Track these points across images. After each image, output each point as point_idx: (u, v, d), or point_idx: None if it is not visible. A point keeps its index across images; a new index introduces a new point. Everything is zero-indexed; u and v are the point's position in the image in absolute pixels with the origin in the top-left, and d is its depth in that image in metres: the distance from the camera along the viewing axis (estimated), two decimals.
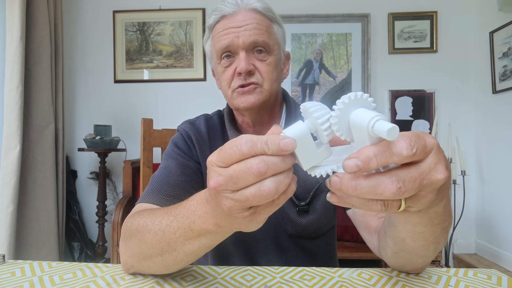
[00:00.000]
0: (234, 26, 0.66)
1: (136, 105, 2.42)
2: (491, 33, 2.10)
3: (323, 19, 2.35)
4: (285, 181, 0.31)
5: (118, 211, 1.87)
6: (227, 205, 0.32)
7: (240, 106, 0.68)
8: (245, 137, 0.30)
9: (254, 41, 0.66)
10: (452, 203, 2.13)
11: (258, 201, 0.31)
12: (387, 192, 0.28)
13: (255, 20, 0.67)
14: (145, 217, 0.49)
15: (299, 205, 0.70)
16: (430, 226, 0.39)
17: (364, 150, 0.28)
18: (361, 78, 2.34)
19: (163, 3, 2.41)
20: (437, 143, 0.31)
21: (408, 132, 0.29)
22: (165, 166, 0.70)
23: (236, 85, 0.67)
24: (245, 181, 0.30)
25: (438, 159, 0.30)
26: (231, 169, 0.31)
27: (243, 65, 0.65)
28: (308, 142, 0.31)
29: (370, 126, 0.27)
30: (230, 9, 0.67)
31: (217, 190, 0.32)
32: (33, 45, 1.92)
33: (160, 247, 0.45)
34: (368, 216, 0.61)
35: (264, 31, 0.67)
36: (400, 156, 0.28)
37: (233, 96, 0.69)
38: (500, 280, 0.52)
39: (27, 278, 0.51)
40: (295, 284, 0.51)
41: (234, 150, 0.30)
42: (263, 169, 0.29)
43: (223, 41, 0.66)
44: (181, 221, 0.41)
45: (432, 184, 0.30)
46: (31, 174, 1.89)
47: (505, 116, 2.02)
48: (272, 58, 0.69)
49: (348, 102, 0.30)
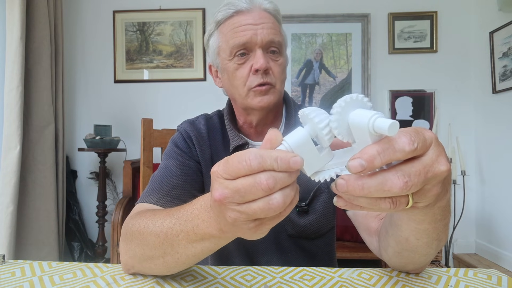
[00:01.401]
0: (252, 23, 0.65)
1: (136, 105, 2.42)
2: (491, 33, 2.10)
3: (323, 19, 2.35)
4: (291, 193, 0.31)
5: (118, 211, 1.87)
6: (232, 216, 0.32)
7: (256, 106, 0.67)
8: (253, 152, 0.30)
9: (271, 41, 0.66)
10: (452, 203, 2.13)
11: (266, 214, 0.31)
12: (394, 187, 0.28)
13: (270, 20, 0.67)
14: (146, 218, 0.49)
15: (299, 205, 0.70)
16: (433, 222, 0.39)
17: (367, 149, 0.28)
18: (361, 78, 2.34)
19: (163, 3, 2.41)
20: (436, 137, 0.31)
21: (407, 128, 0.30)
22: (165, 166, 0.70)
23: (253, 84, 0.66)
24: (253, 195, 0.30)
25: (439, 151, 0.30)
26: (238, 182, 0.30)
27: (262, 62, 0.64)
28: (310, 148, 0.31)
29: (370, 124, 0.27)
30: (246, 5, 0.66)
31: (222, 202, 0.32)
32: (33, 45, 1.92)
33: (162, 249, 0.44)
34: (368, 217, 0.61)
35: (278, 31, 0.68)
36: (403, 152, 0.28)
37: (249, 95, 0.67)
38: (500, 280, 0.52)
39: (27, 278, 0.51)
40: (295, 284, 0.51)
41: (243, 165, 0.30)
42: (272, 185, 0.29)
43: (240, 38, 0.65)
44: (184, 224, 0.41)
45: (436, 176, 0.30)
46: (31, 174, 1.89)
47: (505, 116, 2.02)
48: (283, 59, 0.69)
49: (345, 105, 0.30)
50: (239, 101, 0.71)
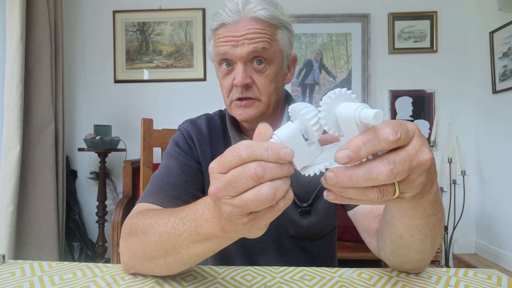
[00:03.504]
0: (233, 36, 0.63)
1: (136, 105, 2.42)
2: (491, 33, 2.10)
3: (323, 19, 2.35)
4: (283, 186, 0.31)
5: (118, 211, 1.87)
6: (226, 211, 0.32)
7: (238, 118, 0.69)
8: (244, 143, 0.31)
9: (253, 51, 0.63)
10: (452, 203, 2.13)
11: (256, 206, 0.31)
12: (381, 175, 0.29)
13: (256, 29, 0.63)
14: (149, 218, 0.49)
15: (301, 206, 0.70)
16: (425, 217, 0.40)
17: (353, 140, 0.29)
18: (361, 78, 2.34)
19: (163, 3, 2.41)
20: (418, 128, 0.32)
21: (390, 120, 0.31)
22: (166, 165, 0.70)
23: (234, 97, 0.67)
24: (243, 184, 0.30)
25: (422, 141, 0.32)
26: (229, 173, 0.31)
27: (239, 79, 0.64)
28: (300, 142, 0.32)
29: (356, 115, 0.29)
30: (231, 18, 0.63)
31: (217, 196, 0.32)
32: (33, 45, 1.92)
33: (164, 249, 0.44)
34: (369, 218, 0.61)
35: (265, 40, 0.64)
36: (387, 142, 0.29)
37: (231, 106, 0.69)
38: (500, 280, 0.52)
39: (27, 278, 0.51)
40: (295, 284, 0.51)
41: (234, 156, 0.31)
42: (260, 173, 0.29)
43: (221, 48, 0.65)
44: (188, 224, 0.41)
45: (420, 165, 0.31)
46: (31, 174, 1.89)
47: (505, 116, 2.02)
48: (272, 69, 0.66)
49: (334, 97, 0.31)
50: (228, 111, 0.72)
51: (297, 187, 0.70)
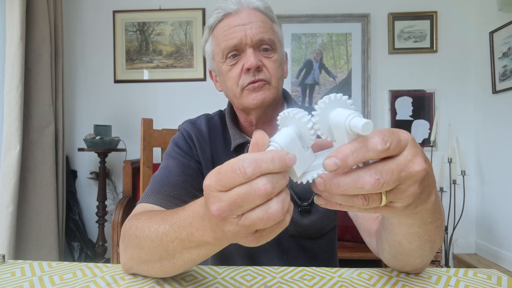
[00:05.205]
0: (240, 24, 0.65)
1: (136, 105, 2.42)
2: (491, 33, 2.10)
3: (323, 19, 2.35)
4: (287, 198, 0.30)
5: (118, 211, 1.87)
6: (231, 231, 0.31)
7: (251, 103, 0.66)
8: (246, 158, 0.29)
9: (261, 39, 0.66)
10: (452, 203, 2.13)
11: (266, 224, 0.29)
12: (366, 184, 0.29)
13: (259, 18, 0.67)
14: (142, 222, 0.48)
15: (301, 205, 0.70)
16: (424, 225, 0.40)
17: (342, 148, 0.29)
18: (361, 78, 2.34)
19: (163, 3, 2.41)
20: (412, 138, 0.32)
21: (383, 129, 0.30)
22: (166, 166, 0.70)
23: (245, 83, 0.66)
24: (251, 203, 0.29)
25: (415, 152, 0.31)
26: (234, 192, 0.29)
27: (252, 61, 0.64)
28: (297, 147, 0.31)
29: (347, 123, 0.29)
30: (234, 7, 0.66)
31: (222, 216, 0.30)
32: (33, 45, 1.92)
33: (158, 254, 0.44)
34: (369, 219, 0.61)
35: (268, 28, 0.67)
36: (375, 151, 0.29)
37: (243, 94, 0.67)
38: (500, 280, 0.52)
39: (27, 278, 0.51)
40: (295, 284, 0.51)
41: (237, 174, 0.28)
42: (270, 190, 0.28)
43: (230, 40, 0.66)
44: (178, 231, 0.40)
45: (411, 176, 0.30)
46: (31, 174, 1.89)
47: (505, 116, 2.02)
48: (277, 56, 0.69)
49: (328, 102, 0.31)
50: (236, 102, 0.71)
51: (297, 186, 0.70)
